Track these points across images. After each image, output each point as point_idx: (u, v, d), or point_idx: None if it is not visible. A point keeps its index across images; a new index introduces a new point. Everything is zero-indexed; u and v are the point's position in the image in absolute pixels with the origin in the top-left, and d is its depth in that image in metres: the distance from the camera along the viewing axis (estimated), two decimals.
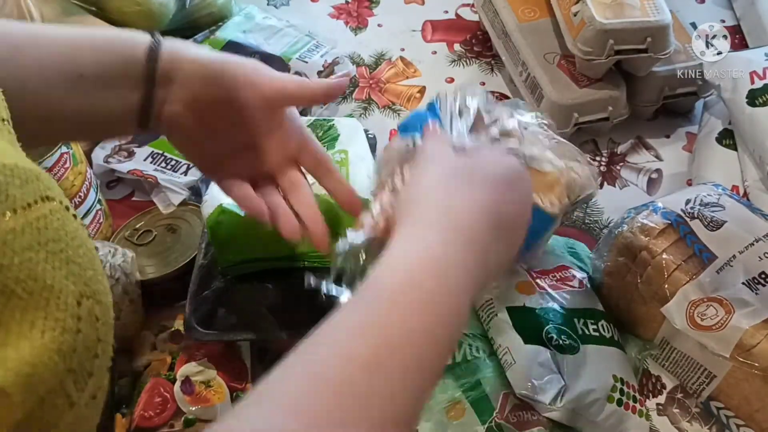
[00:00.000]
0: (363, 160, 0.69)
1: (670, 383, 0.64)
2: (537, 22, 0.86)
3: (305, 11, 1.02)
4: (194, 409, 0.59)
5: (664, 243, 0.60)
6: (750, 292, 0.57)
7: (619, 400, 0.59)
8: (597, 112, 0.80)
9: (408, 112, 0.89)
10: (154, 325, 0.65)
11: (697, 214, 0.61)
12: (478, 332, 0.61)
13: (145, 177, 0.77)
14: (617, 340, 0.63)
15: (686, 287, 0.58)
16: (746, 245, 0.59)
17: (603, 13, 0.75)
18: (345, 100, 0.90)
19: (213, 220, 0.64)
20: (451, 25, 1.00)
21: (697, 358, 0.60)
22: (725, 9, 0.99)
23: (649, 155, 0.84)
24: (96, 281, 0.30)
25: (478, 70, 0.94)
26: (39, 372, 0.26)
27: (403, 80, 0.93)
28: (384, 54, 0.95)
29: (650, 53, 0.76)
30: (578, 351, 0.59)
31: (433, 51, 0.96)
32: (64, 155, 0.65)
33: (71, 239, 0.29)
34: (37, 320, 0.26)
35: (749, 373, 0.56)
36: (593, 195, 0.57)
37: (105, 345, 0.30)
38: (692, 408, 0.63)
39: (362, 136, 0.72)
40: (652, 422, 0.61)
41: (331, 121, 0.73)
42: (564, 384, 0.56)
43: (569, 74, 0.81)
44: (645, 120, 0.87)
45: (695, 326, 0.57)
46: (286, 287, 0.64)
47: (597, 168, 0.83)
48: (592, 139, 0.85)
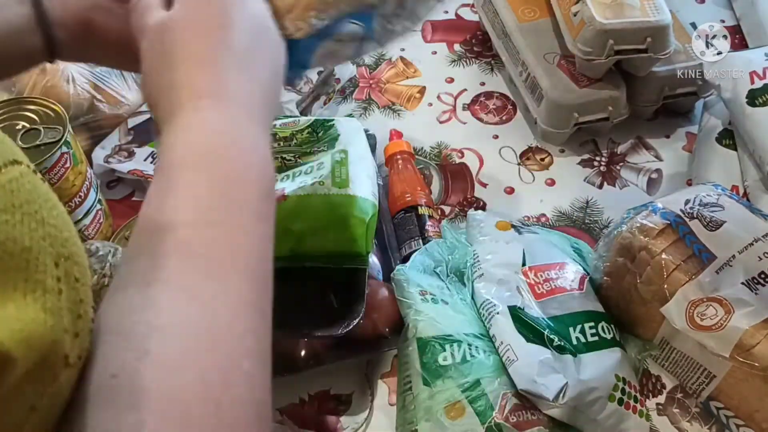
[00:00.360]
0: (363, 160, 0.69)
1: (670, 383, 0.64)
2: (537, 22, 0.86)
3: None
4: None
5: (663, 243, 0.60)
6: (749, 292, 0.57)
7: (620, 399, 0.59)
8: (597, 112, 0.80)
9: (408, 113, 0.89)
10: None
11: (697, 214, 0.61)
12: (477, 332, 0.61)
13: (145, 177, 0.77)
14: (618, 340, 0.63)
15: (686, 287, 0.58)
16: (746, 245, 0.59)
17: (603, 13, 0.75)
18: (345, 100, 0.90)
19: None
20: (451, 25, 1.00)
21: (697, 358, 0.60)
22: (725, 9, 0.99)
23: (649, 155, 0.84)
24: (72, 243, 0.29)
25: (478, 70, 0.94)
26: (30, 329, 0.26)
27: (403, 80, 0.93)
28: (384, 54, 0.96)
29: (650, 53, 0.76)
30: (577, 357, 0.59)
31: (433, 51, 0.96)
32: (64, 155, 0.65)
33: (44, 201, 0.28)
34: (18, 282, 0.26)
35: (749, 373, 0.56)
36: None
37: (86, 306, 0.30)
38: (692, 408, 0.63)
39: (362, 136, 0.73)
40: (652, 422, 0.61)
41: (332, 121, 0.73)
42: (566, 381, 0.56)
43: (569, 74, 0.81)
44: (645, 120, 0.87)
45: (695, 326, 0.57)
46: (285, 287, 0.64)
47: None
48: (592, 139, 0.85)
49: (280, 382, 0.65)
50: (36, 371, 0.26)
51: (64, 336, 0.28)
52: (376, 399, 0.65)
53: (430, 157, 0.84)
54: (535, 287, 0.63)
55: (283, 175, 0.68)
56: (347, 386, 0.66)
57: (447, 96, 0.91)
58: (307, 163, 0.68)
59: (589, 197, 0.80)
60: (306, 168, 0.67)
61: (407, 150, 0.80)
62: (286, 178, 0.67)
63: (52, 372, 0.27)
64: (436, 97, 0.91)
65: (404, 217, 0.74)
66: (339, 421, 0.64)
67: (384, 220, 0.74)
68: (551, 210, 0.79)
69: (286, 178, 0.67)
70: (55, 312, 0.27)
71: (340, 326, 0.60)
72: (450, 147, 0.85)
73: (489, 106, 0.90)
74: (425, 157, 0.84)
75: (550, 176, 0.82)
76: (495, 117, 0.89)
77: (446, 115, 0.89)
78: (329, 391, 0.66)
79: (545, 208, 0.79)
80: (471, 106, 0.90)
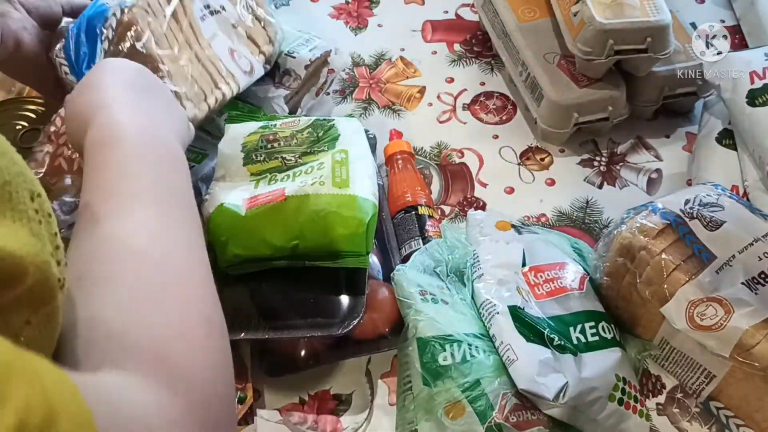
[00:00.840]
0: (363, 160, 0.69)
1: (669, 383, 0.64)
2: (537, 22, 0.86)
3: (305, 11, 1.02)
4: None
5: (663, 243, 0.60)
6: (749, 292, 0.57)
7: (620, 399, 0.59)
8: (597, 112, 0.80)
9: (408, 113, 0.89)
10: None
11: (696, 214, 0.61)
12: (477, 332, 0.61)
13: None
14: (618, 340, 0.63)
15: (685, 287, 0.58)
16: (746, 245, 0.59)
17: (603, 13, 0.75)
18: (345, 100, 0.90)
19: (213, 219, 0.64)
20: (451, 25, 1.00)
21: (697, 358, 0.60)
22: (725, 9, 0.99)
23: (649, 155, 0.84)
24: (37, 183, 0.32)
25: (478, 70, 0.94)
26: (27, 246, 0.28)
27: (403, 80, 0.93)
28: (384, 54, 0.96)
29: (650, 53, 0.76)
30: (578, 356, 0.59)
31: (433, 51, 0.96)
32: None
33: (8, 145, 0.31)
34: (6, 211, 0.28)
35: (749, 373, 0.56)
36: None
37: (59, 240, 0.32)
38: (692, 408, 0.63)
39: (363, 136, 0.73)
40: (652, 422, 0.61)
41: (332, 121, 0.73)
42: (566, 381, 0.56)
43: (569, 74, 0.81)
44: (645, 120, 0.87)
45: (695, 326, 0.57)
46: (286, 287, 0.64)
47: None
48: (592, 139, 0.85)
49: (280, 382, 0.66)
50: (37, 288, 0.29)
51: (52, 260, 0.30)
52: (376, 399, 0.65)
53: (430, 157, 0.84)
54: (535, 287, 0.63)
55: (283, 175, 0.68)
56: (347, 386, 0.66)
57: (447, 96, 0.91)
58: (307, 163, 0.68)
59: (589, 197, 0.80)
60: (306, 168, 0.67)
61: (407, 150, 0.80)
62: (286, 178, 0.67)
63: (44, 290, 0.29)
64: (436, 97, 0.91)
65: (404, 217, 0.74)
66: (339, 421, 0.64)
67: (384, 220, 0.74)
68: (551, 210, 0.79)
69: (287, 178, 0.67)
70: (40, 237, 0.30)
71: (340, 326, 0.61)
72: (450, 147, 0.85)
73: (489, 106, 0.90)
74: (425, 157, 0.84)
75: (550, 176, 0.83)
76: (495, 117, 0.89)
77: (446, 115, 0.89)
78: (329, 391, 0.66)
79: (545, 208, 0.79)
80: (471, 106, 0.90)
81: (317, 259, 0.63)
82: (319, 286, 0.64)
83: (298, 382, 0.66)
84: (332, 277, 0.63)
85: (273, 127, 0.72)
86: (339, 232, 0.61)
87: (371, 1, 1.02)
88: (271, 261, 0.63)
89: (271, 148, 0.70)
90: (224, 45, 0.74)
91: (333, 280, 0.63)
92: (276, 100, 0.81)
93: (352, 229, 0.61)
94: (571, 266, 0.66)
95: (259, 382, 0.65)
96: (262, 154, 0.70)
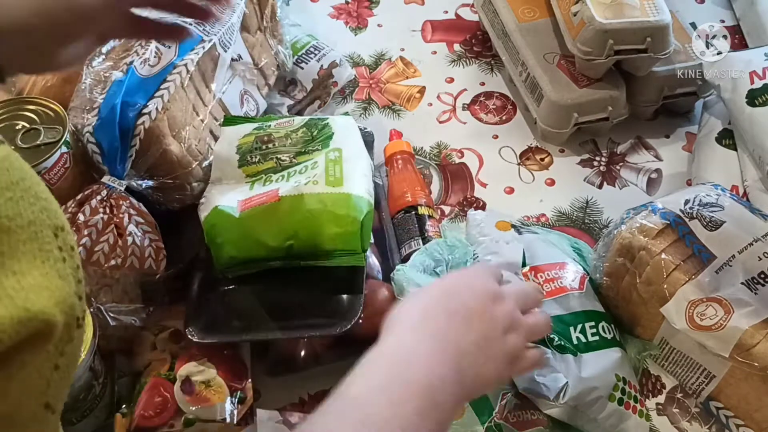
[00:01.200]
0: (358, 158, 0.69)
1: (669, 383, 0.64)
2: (537, 22, 0.86)
3: (305, 11, 1.02)
4: (194, 409, 0.59)
5: (662, 243, 0.60)
6: (749, 292, 0.57)
7: (620, 399, 0.59)
8: (597, 112, 0.80)
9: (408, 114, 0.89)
10: (154, 325, 0.65)
11: (696, 214, 0.61)
12: None
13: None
14: (618, 340, 0.63)
15: (685, 287, 0.58)
16: (745, 245, 0.59)
17: (603, 13, 0.75)
18: (344, 100, 0.90)
19: (209, 222, 0.64)
20: (451, 25, 1.00)
21: (697, 358, 0.60)
22: (725, 9, 0.99)
23: (648, 155, 0.84)
24: (61, 214, 0.31)
25: (478, 70, 0.94)
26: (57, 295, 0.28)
27: (403, 80, 0.93)
28: (384, 54, 0.96)
29: (650, 53, 0.76)
30: (578, 356, 0.59)
31: (433, 51, 0.96)
32: (64, 155, 0.65)
33: (31, 176, 0.30)
34: (34, 251, 0.28)
35: (748, 373, 0.56)
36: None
37: (81, 272, 0.32)
38: (692, 408, 0.63)
39: (356, 134, 0.72)
40: (652, 422, 0.61)
41: (325, 119, 0.73)
42: (566, 381, 0.56)
43: (569, 74, 0.81)
44: (645, 120, 0.87)
45: (694, 326, 0.57)
46: (285, 287, 0.64)
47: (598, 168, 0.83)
48: (592, 139, 0.85)
49: (280, 382, 0.66)
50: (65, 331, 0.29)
51: (75, 299, 0.30)
52: None
53: (430, 157, 0.84)
54: None
55: (278, 175, 0.68)
56: None
57: (447, 96, 0.91)
58: (301, 162, 0.68)
59: (588, 197, 0.80)
60: (300, 168, 0.67)
61: (407, 150, 0.80)
62: (281, 178, 0.67)
63: (69, 333, 0.29)
64: (435, 97, 0.91)
65: (404, 217, 0.74)
66: None
67: (384, 221, 0.74)
68: (551, 210, 0.79)
69: (281, 179, 0.67)
70: (65, 278, 0.29)
71: (340, 326, 0.61)
72: (450, 147, 0.85)
73: (489, 106, 0.90)
74: (425, 157, 0.84)
75: (550, 176, 0.82)
76: (495, 117, 0.89)
77: (446, 115, 0.89)
78: (329, 391, 0.66)
79: (545, 208, 0.79)
80: (471, 106, 0.90)
81: (313, 259, 0.62)
82: (318, 286, 0.64)
83: (298, 382, 0.66)
84: (331, 278, 0.63)
85: (268, 128, 0.72)
86: (333, 231, 0.61)
87: (371, 1, 1.02)
88: (267, 262, 0.63)
89: (266, 149, 0.70)
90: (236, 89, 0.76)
91: (332, 280, 0.63)
92: (279, 107, 0.81)
93: (346, 228, 0.61)
94: (571, 266, 0.66)
95: (259, 382, 0.65)
96: (257, 155, 0.70)
